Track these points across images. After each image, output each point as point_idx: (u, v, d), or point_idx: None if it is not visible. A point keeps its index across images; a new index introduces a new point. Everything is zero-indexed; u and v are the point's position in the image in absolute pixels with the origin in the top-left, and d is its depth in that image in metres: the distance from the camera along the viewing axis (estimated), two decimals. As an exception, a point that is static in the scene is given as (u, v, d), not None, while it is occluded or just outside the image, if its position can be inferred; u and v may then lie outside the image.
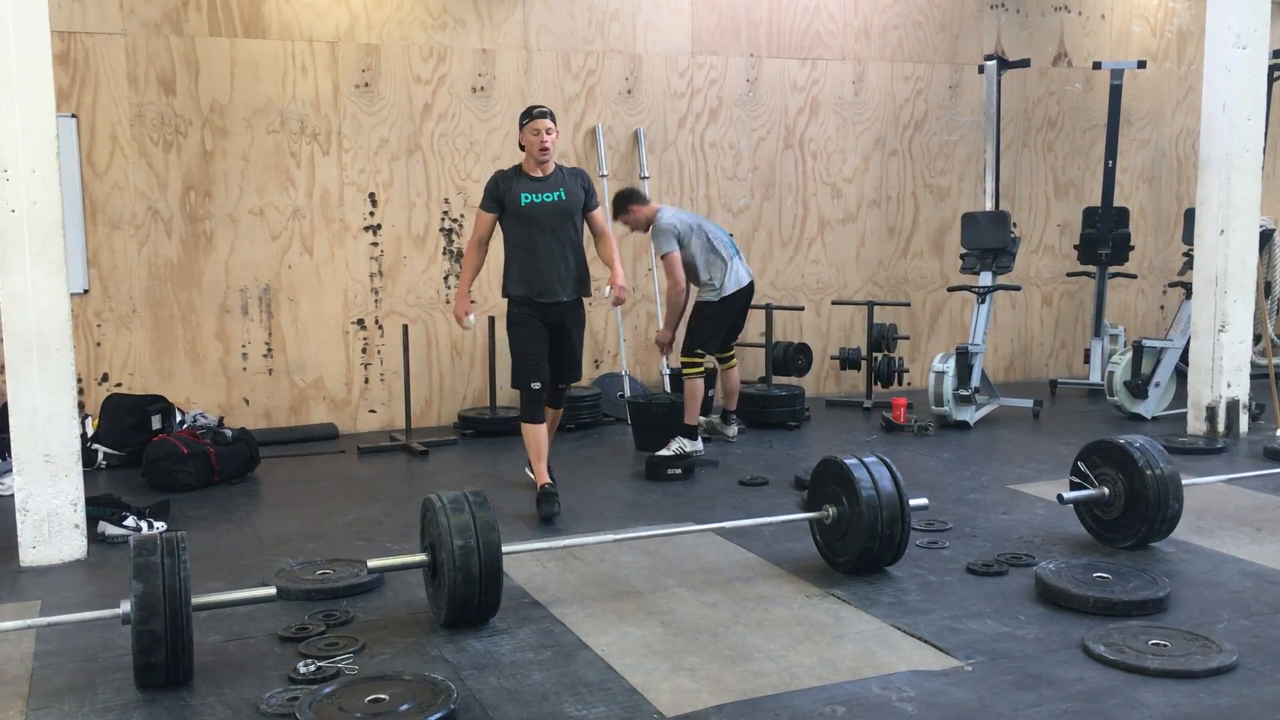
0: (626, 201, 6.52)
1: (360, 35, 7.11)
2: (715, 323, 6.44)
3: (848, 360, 8.01)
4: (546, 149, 5.18)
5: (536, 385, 5.34)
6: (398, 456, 6.69)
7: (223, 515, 5.41)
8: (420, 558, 3.88)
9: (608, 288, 5.48)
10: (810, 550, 4.61)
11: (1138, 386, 7.42)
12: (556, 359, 5.46)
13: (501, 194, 5.27)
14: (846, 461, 4.29)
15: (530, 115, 5.22)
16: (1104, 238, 8.31)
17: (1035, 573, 4.13)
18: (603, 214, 5.55)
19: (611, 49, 7.69)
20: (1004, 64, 8.21)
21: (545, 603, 4.06)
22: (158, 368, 6.90)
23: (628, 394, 7.40)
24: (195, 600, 3.36)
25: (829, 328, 8.48)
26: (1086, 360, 8.59)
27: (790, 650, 3.59)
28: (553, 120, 5.22)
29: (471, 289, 5.59)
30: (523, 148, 5.30)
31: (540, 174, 5.26)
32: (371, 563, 3.86)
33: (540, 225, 5.26)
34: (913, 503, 4.30)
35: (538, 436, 5.39)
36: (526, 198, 5.23)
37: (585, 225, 5.48)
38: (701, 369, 6.40)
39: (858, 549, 4.21)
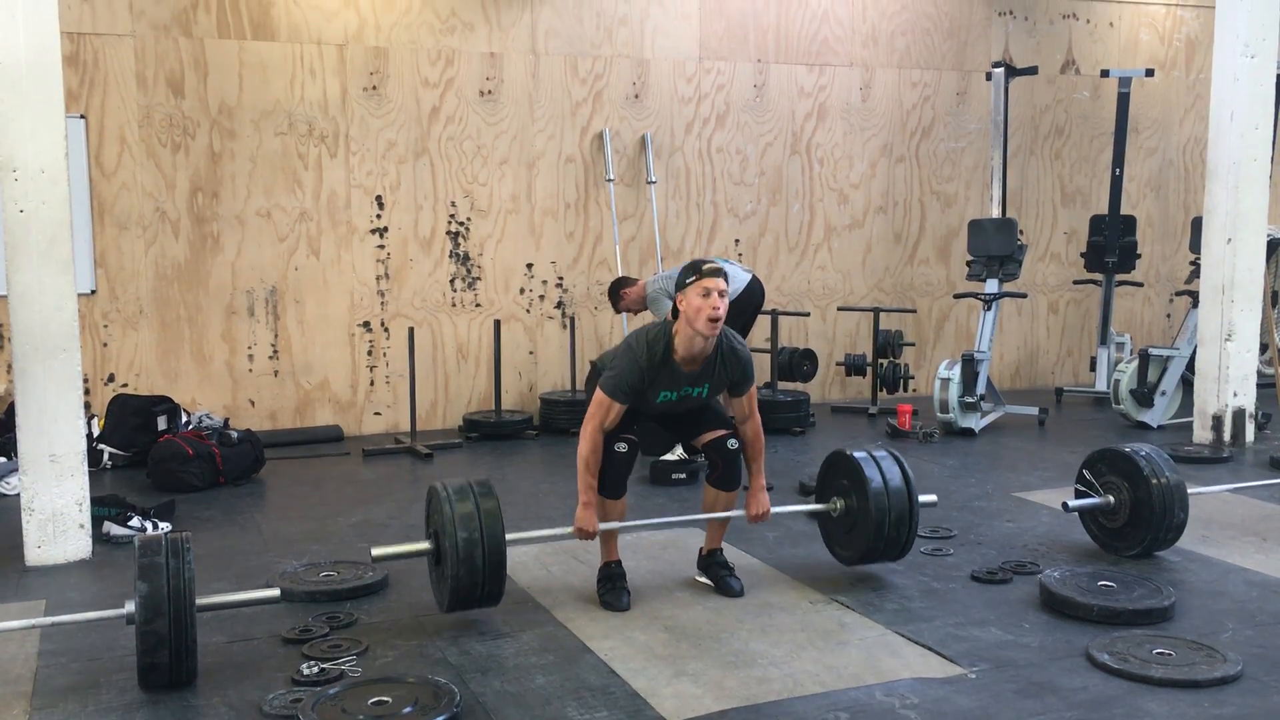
0: (618, 289, 6.86)
1: (368, 38, 7.12)
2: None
3: (853, 366, 8.01)
4: (718, 318, 3.84)
5: (622, 446, 4.01)
6: (402, 459, 6.69)
7: (227, 516, 5.42)
8: (424, 546, 3.86)
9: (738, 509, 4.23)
10: (814, 556, 4.61)
11: (1144, 395, 7.40)
12: (683, 417, 4.20)
13: (641, 389, 3.96)
14: (856, 455, 4.27)
15: (699, 273, 3.83)
16: (1111, 246, 8.30)
17: (1040, 581, 4.12)
18: (751, 399, 4.13)
19: (619, 54, 7.69)
20: (1012, 71, 8.21)
21: (548, 606, 4.06)
22: (164, 368, 6.91)
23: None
24: (199, 601, 3.36)
25: (834, 334, 8.47)
26: (1092, 368, 8.58)
27: (794, 656, 3.59)
28: (726, 281, 3.89)
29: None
30: (675, 314, 3.95)
31: (694, 367, 3.96)
32: (375, 550, 3.84)
33: (668, 411, 4.15)
34: (921, 499, 4.28)
35: (609, 512, 4.12)
36: (665, 395, 4.01)
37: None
38: None
39: (864, 545, 4.20)
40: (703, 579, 4.32)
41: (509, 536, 3.77)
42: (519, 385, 7.68)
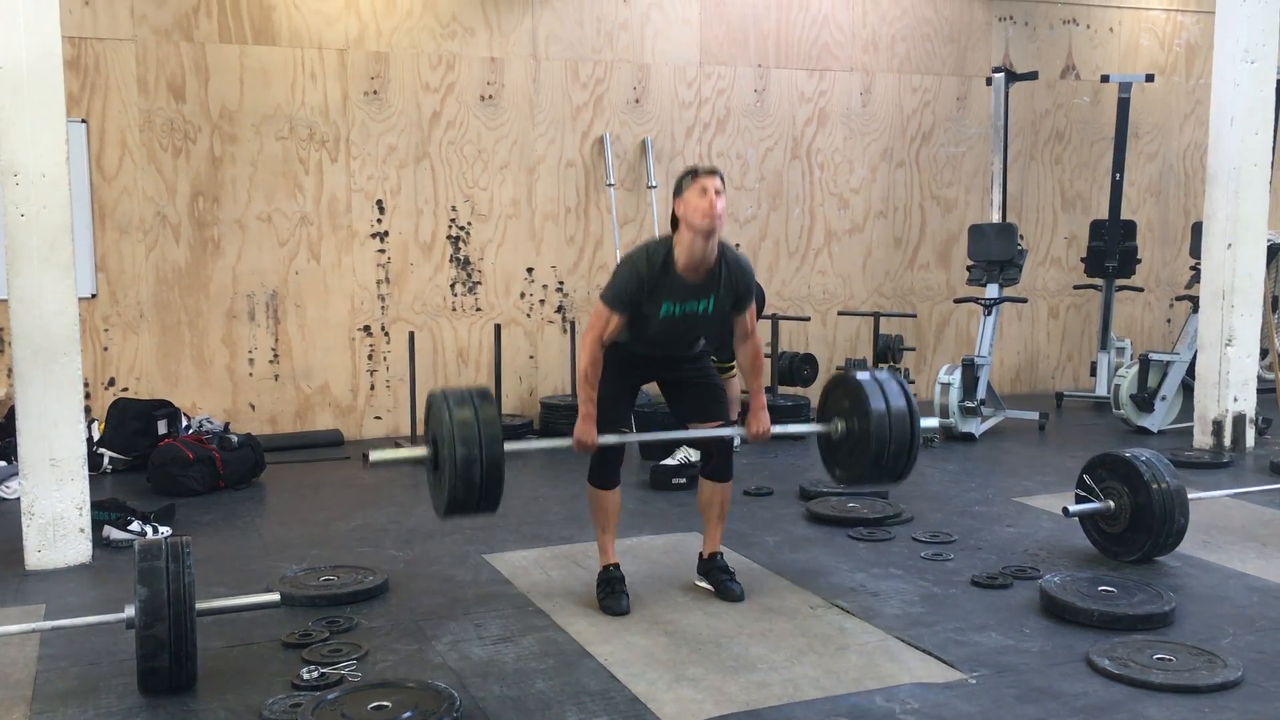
0: None
1: (369, 43, 7.13)
2: None
3: (853, 371, 8.00)
4: (716, 217, 3.78)
5: (610, 438, 4.04)
6: (402, 463, 6.68)
7: (227, 520, 5.42)
8: (421, 452, 3.79)
9: (737, 429, 4.20)
10: (815, 561, 4.61)
11: (1144, 400, 7.40)
12: (679, 397, 4.21)
13: (640, 299, 3.90)
14: (859, 376, 4.14)
15: (695, 174, 3.87)
16: (1111, 251, 8.30)
17: (1040, 586, 4.12)
18: (752, 317, 4.12)
19: (620, 58, 7.70)
20: (1012, 76, 8.21)
21: (548, 611, 4.06)
22: (164, 372, 6.91)
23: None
24: (199, 605, 3.35)
25: (835, 338, 8.47)
26: (1093, 373, 8.58)
27: (794, 661, 3.58)
28: (723, 181, 3.90)
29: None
30: (674, 226, 3.93)
31: (697, 276, 3.89)
32: (373, 454, 3.81)
33: (671, 336, 4.04)
34: (924, 423, 4.14)
35: (603, 504, 4.17)
36: (668, 308, 3.91)
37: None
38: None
39: (863, 466, 4.08)
40: (702, 583, 4.31)
41: (508, 448, 3.66)
42: (519, 389, 7.68)
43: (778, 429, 4.21)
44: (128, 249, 6.78)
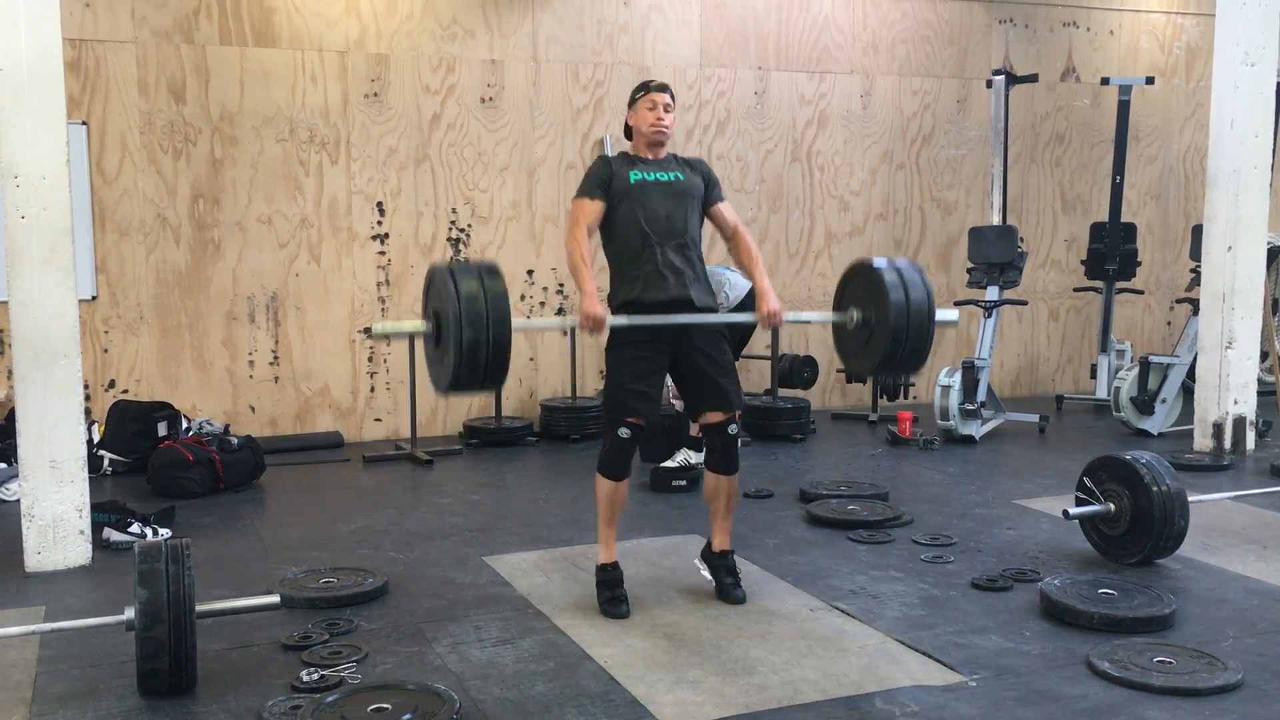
0: None
1: (370, 45, 7.14)
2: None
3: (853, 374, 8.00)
4: (664, 129, 4.12)
5: (625, 432, 4.01)
6: (403, 466, 6.69)
7: (227, 522, 5.42)
8: (421, 325, 3.69)
9: (749, 315, 4.28)
10: (814, 564, 4.61)
11: (1144, 402, 7.40)
12: (691, 382, 4.16)
13: (608, 177, 4.10)
14: (876, 264, 4.05)
15: (646, 88, 4.16)
16: (1111, 253, 8.31)
17: (1040, 588, 4.11)
18: (729, 209, 4.32)
19: (620, 61, 7.70)
20: (1012, 79, 8.22)
21: (548, 613, 4.06)
22: (164, 374, 6.91)
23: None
24: (199, 607, 3.35)
25: (835, 341, 8.46)
26: (1093, 376, 8.58)
27: (793, 664, 3.58)
28: (672, 98, 4.19)
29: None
30: (628, 135, 4.26)
31: (652, 156, 4.17)
32: (376, 326, 3.78)
33: (654, 211, 4.06)
34: (942, 316, 4.10)
35: (612, 495, 4.09)
36: (637, 175, 4.09)
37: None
38: None
39: (879, 357, 4.02)
40: (702, 568, 4.33)
41: (515, 324, 3.57)
42: (519, 392, 7.68)
43: (790, 316, 4.22)
44: (128, 251, 6.78)
